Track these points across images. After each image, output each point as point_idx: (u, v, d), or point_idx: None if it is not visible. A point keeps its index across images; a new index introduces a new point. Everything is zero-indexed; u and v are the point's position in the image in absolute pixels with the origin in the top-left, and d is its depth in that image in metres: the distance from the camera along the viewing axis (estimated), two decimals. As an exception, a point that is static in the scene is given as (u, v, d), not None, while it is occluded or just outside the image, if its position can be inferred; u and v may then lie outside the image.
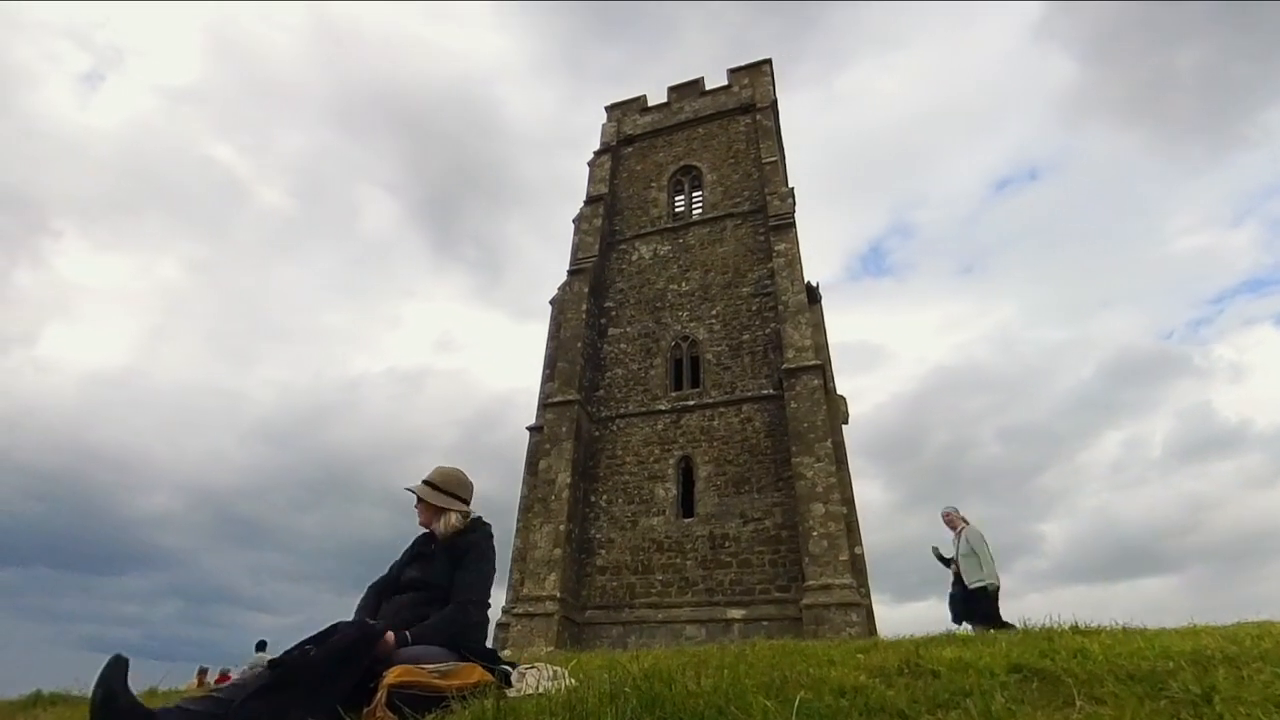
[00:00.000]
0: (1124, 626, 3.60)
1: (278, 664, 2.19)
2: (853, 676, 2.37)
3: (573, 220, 21.69)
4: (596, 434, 17.24)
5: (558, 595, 14.01)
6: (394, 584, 3.01)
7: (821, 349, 16.80)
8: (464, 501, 3.16)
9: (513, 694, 2.25)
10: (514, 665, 2.70)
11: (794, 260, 17.11)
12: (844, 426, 15.86)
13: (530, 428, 17.97)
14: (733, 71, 22.46)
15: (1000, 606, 7.77)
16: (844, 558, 12.88)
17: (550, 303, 20.53)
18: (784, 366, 15.47)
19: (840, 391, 16.57)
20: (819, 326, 17.62)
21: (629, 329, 18.78)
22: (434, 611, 2.75)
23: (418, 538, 3.21)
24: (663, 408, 17.04)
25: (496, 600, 16.49)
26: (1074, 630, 3.41)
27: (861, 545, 14.07)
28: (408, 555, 3.14)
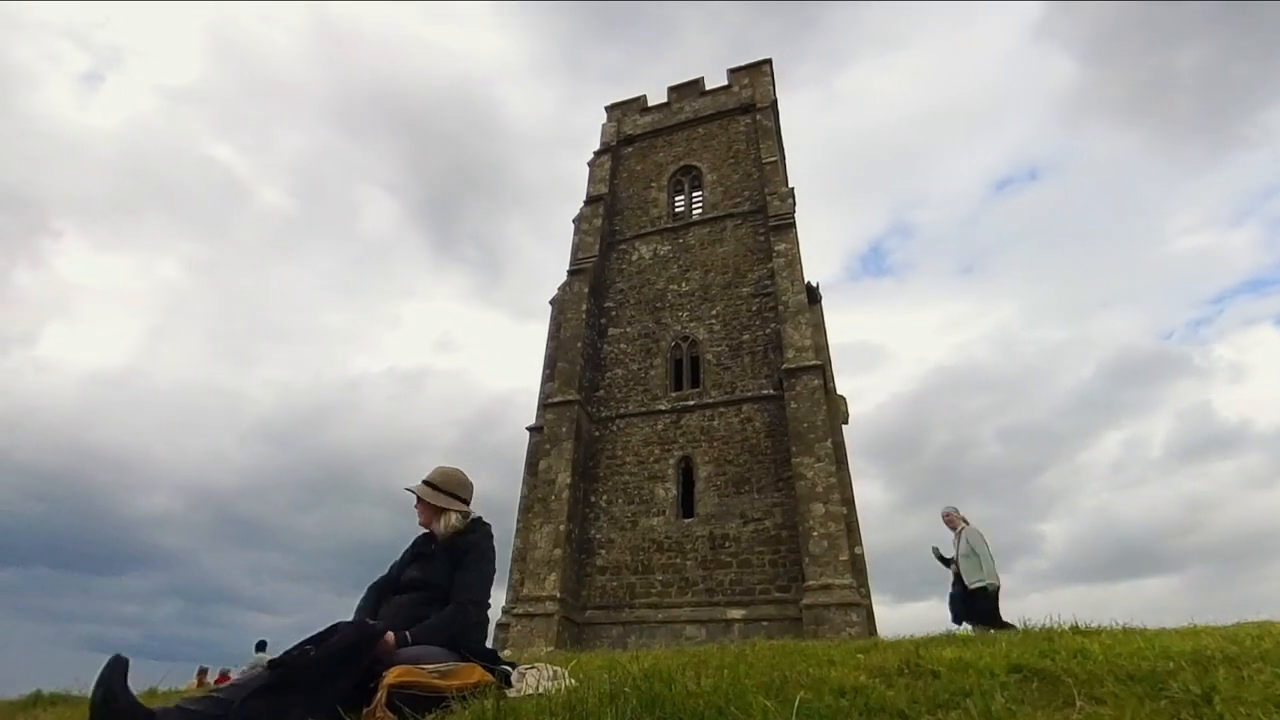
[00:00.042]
0: (1124, 626, 3.60)
1: (277, 664, 2.18)
2: (853, 677, 2.37)
3: (573, 220, 21.70)
4: (596, 434, 17.24)
5: (558, 595, 14.01)
6: (394, 584, 2.99)
7: (821, 349, 16.81)
8: (464, 501, 3.14)
9: (513, 694, 2.25)
10: (514, 665, 2.70)
11: (794, 260, 17.11)
12: (844, 426, 15.87)
13: (530, 428, 17.97)
14: (733, 71, 22.46)
15: (1000, 607, 7.79)
16: (844, 558, 12.88)
17: (550, 303, 20.54)
18: (784, 366, 15.48)
19: (840, 392, 16.57)
20: (819, 327, 17.63)
21: (629, 329, 18.78)
22: (434, 612, 2.74)
23: (418, 538, 3.18)
24: (663, 408, 17.04)
25: (496, 600, 16.49)
26: (1074, 630, 3.41)
27: (861, 545, 14.08)
28: (408, 555, 3.12)
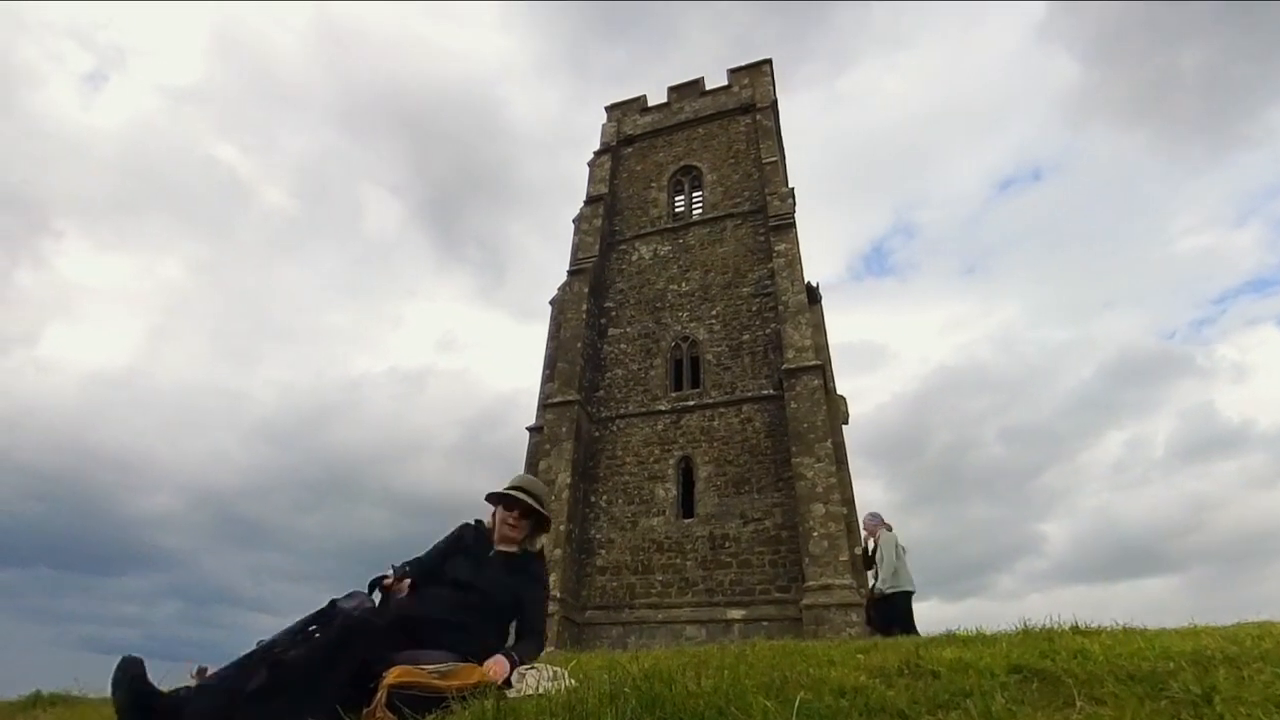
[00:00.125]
0: (1124, 627, 3.59)
1: (275, 665, 2.17)
2: (853, 677, 2.37)
3: (573, 220, 21.69)
4: (596, 434, 17.24)
5: (557, 596, 14.00)
6: (434, 573, 2.87)
7: (822, 349, 16.81)
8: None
9: (512, 694, 2.25)
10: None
11: (794, 260, 17.11)
12: (844, 427, 15.89)
13: (530, 428, 17.98)
14: (733, 71, 22.45)
15: (914, 611, 8.04)
16: (844, 558, 12.89)
17: (550, 303, 20.54)
18: (784, 367, 15.48)
19: (843, 392, 16.60)
20: (819, 327, 17.64)
21: (629, 329, 18.78)
22: (474, 617, 2.73)
23: (468, 533, 3.03)
24: (663, 408, 17.04)
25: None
26: (1074, 630, 3.40)
27: (861, 546, 14.08)
28: (454, 547, 2.98)
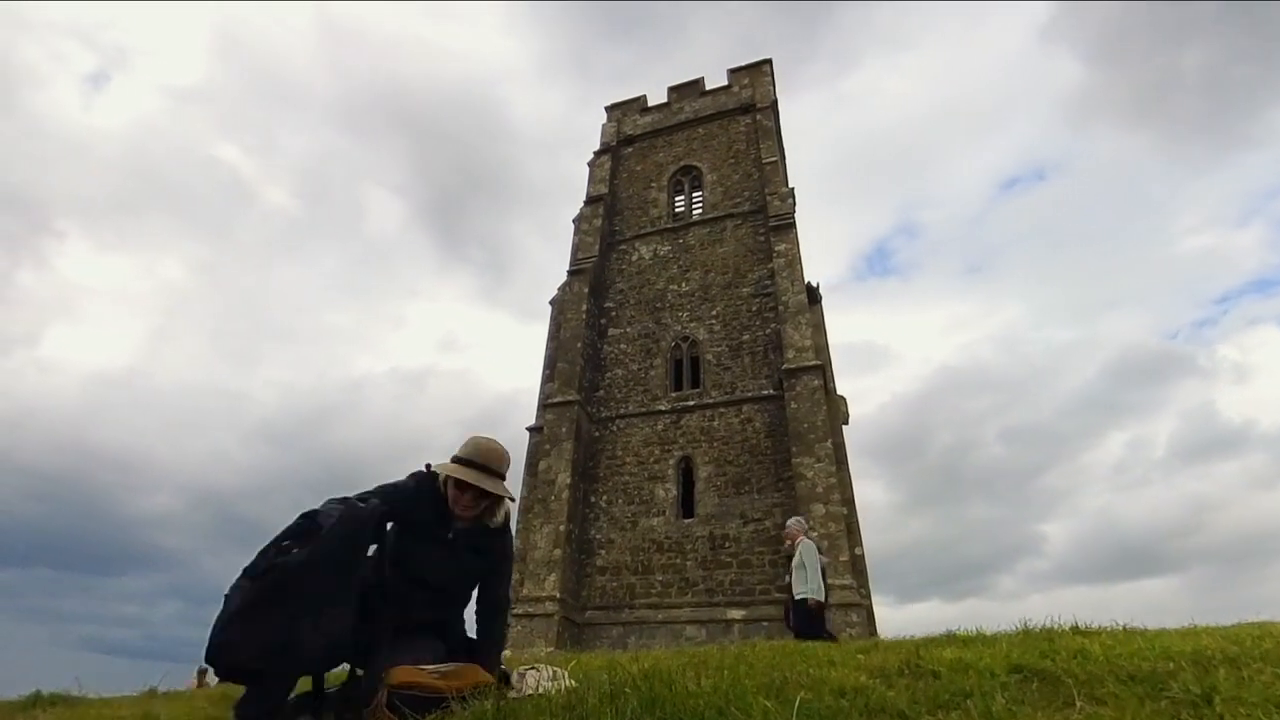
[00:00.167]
0: (1125, 627, 3.59)
1: (262, 572, 1.95)
2: (853, 677, 2.37)
3: (573, 220, 21.70)
4: (596, 434, 17.24)
5: (557, 596, 14.01)
6: (403, 578, 2.40)
7: (822, 349, 16.81)
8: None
9: (513, 695, 2.25)
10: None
11: (794, 260, 17.11)
12: (844, 427, 15.87)
13: (530, 428, 17.97)
14: (733, 71, 22.46)
15: (826, 619, 8.14)
16: (844, 558, 12.88)
17: (550, 303, 20.54)
18: (784, 367, 15.48)
19: (844, 392, 16.60)
20: (819, 327, 17.63)
21: (629, 329, 18.78)
22: (452, 613, 2.55)
23: (415, 512, 2.39)
24: (663, 408, 17.04)
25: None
26: (1075, 631, 3.40)
27: (862, 546, 14.08)
28: (406, 540, 2.41)
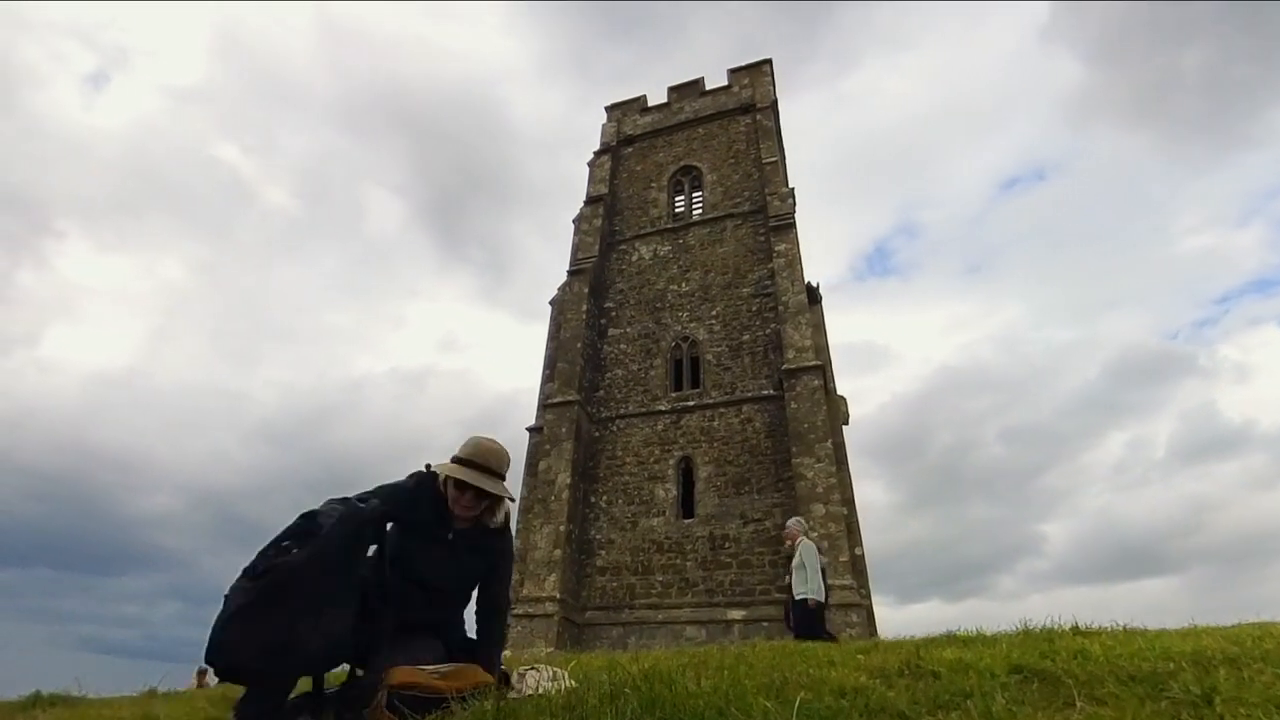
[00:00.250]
0: (1125, 627, 3.59)
1: (262, 572, 1.92)
2: (853, 677, 2.37)
3: (573, 221, 21.70)
4: (596, 434, 17.24)
5: (558, 596, 14.00)
6: (403, 582, 2.39)
7: (822, 349, 16.81)
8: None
9: (513, 695, 2.25)
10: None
11: (794, 260, 17.11)
12: (844, 427, 15.87)
13: (530, 428, 17.97)
14: (733, 72, 22.46)
15: (825, 619, 8.22)
16: (844, 558, 12.88)
17: (550, 303, 20.53)
18: (784, 367, 15.48)
19: (845, 392, 16.60)
20: (819, 327, 17.63)
21: (629, 329, 18.78)
22: (449, 612, 2.56)
23: (419, 512, 2.40)
24: (663, 408, 17.04)
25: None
26: (1075, 631, 3.40)
27: (862, 546, 14.08)
28: (409, 543, 2.40)
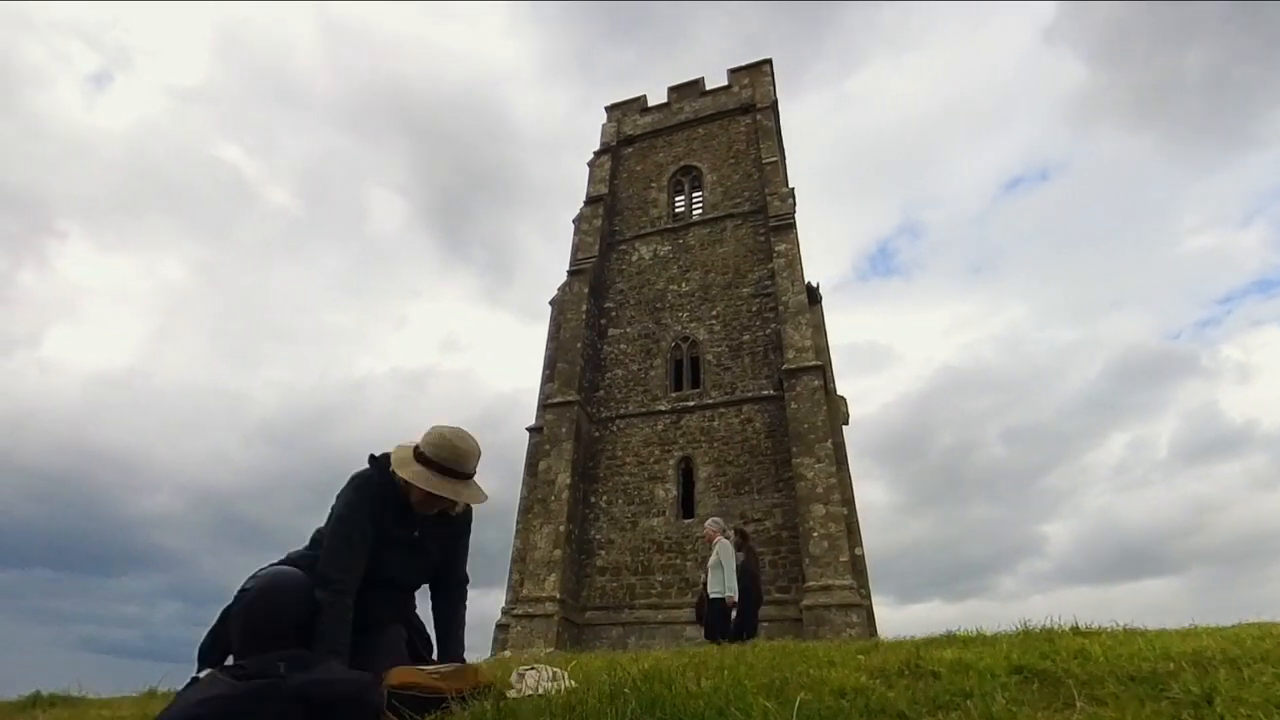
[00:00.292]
0: (1125, 628, 3.58)
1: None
2: (853, 678, 2.36)
3: (573, 221, 21.70)
4: (596, 435, 17.24)
5: (557, 596, 14.00)
6: (380, 580, 2.36)
7: (822, 350, 16.81)
8: None
9: (512, 695, 2.24)
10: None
11: (794, 260, 17.11)
12: (845, 427, 15.88)
13: (530, 428, 17.98)
14: (733, 72, 22.46)
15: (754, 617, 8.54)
16: (844, 559, 12.87)
17: (550, 303, 20.54)
18: (784, 367, 15.47)
19: (847, 393, 16.63)
20: (819, 327, 17.64)
21: (629, 329, 18.78)
22: (408, 600, 2.50)
23: (388, 510, 2.37)
24: (663, 408, 17.04)
25: (496, 601, 16.54)
26: (1075, 631, 3.40)
27: (862, 546, 14.08)
28: (375, 542, 2.35)
